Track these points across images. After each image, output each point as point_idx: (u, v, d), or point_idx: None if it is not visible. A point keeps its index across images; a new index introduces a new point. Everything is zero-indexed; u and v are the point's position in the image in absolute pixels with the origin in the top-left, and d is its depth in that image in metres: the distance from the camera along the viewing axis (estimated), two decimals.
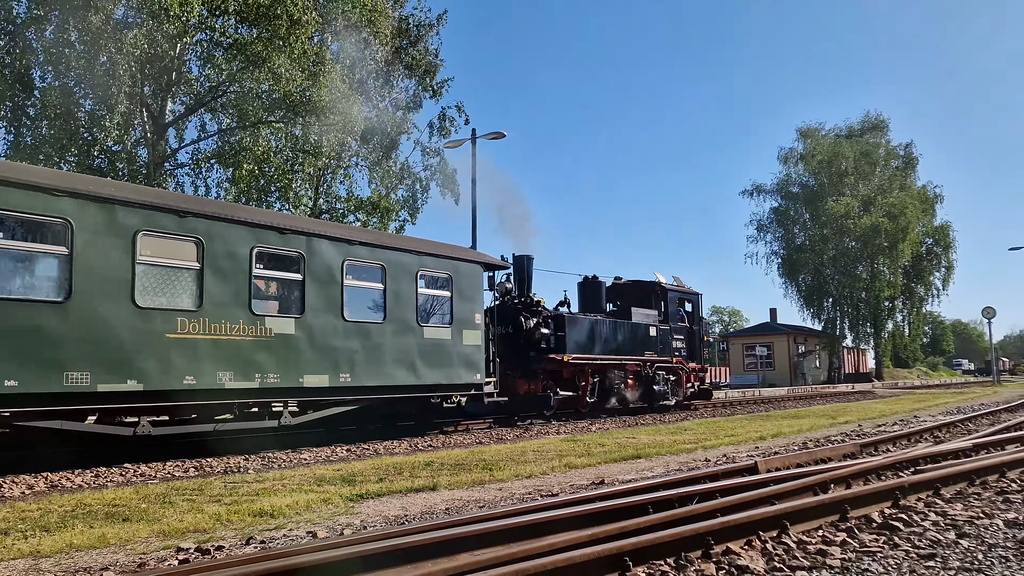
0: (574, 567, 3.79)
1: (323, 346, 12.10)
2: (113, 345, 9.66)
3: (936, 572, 3.89)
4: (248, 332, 11.12)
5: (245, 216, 11.48)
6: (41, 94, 18.31)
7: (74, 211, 9.45)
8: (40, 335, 9.03)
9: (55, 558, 4.92)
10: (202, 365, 10.55)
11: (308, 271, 11.97)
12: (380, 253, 13.23)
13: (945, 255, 58.91)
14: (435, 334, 13.98)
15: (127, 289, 9.86)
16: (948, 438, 11.24)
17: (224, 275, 10.89)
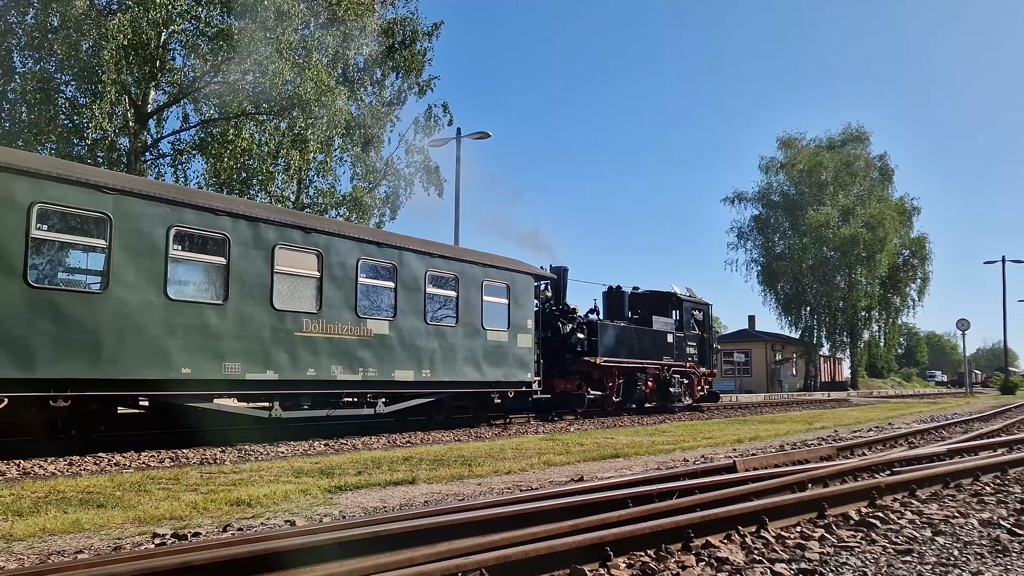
0: (555, 555, 3.80)
1: (410, 345, 13.84)
2: (257, 340, 11.38)
3: (913, 567, 3.93)
4: (354, 332, 12.87)
5: (353, 232, 13.38)
6: (21, 79, 18.05)
7: (231, 227, 11.18)
8: (207, 331, 10.74)
9: (28, 541, 4.84)
10: (320, 359, 12.28)
11: (399, 280, 13.77)
12: (454, 264, 15.00)
13: (921, 267, 59.68)
14: (496, 337, 15.72)
15: (267, 293, 11.60)
16: (923, 444, 11.38)
17: (337, 282, 12.65)
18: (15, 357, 8.88)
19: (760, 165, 59.13)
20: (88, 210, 9.64)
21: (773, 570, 3.82)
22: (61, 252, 10.17)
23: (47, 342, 9.16)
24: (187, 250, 10.77)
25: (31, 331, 9.04)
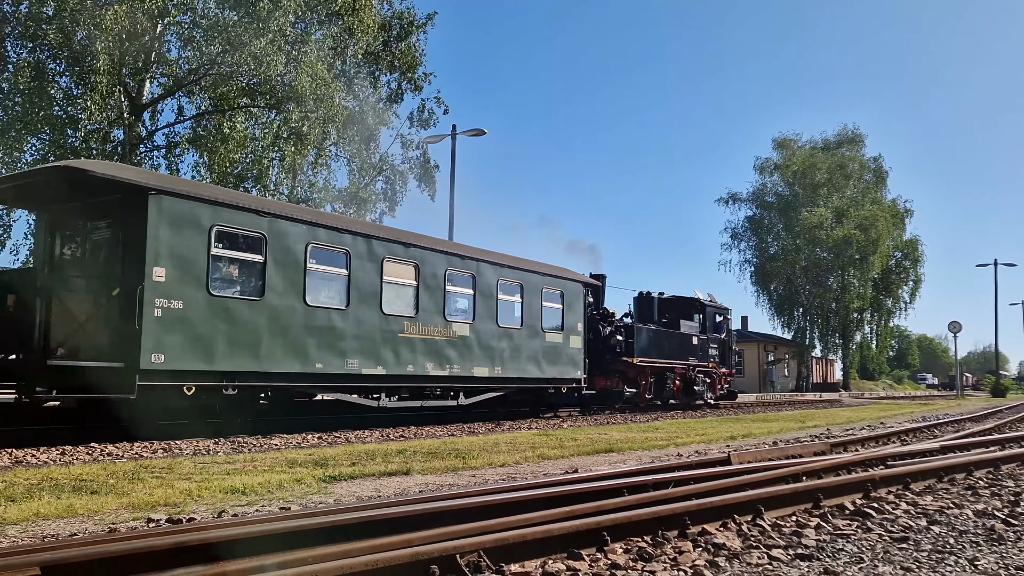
0: (552, 539, 3.79)
1: (485, 345, 15.61)
2: (370, 340, 13.17)
3: (909, 553, 3.94)
4: (442, 333, 14.67)
5: (442, 247, 15.18)
6: (14, 69, 17.94)
7: (351, 243, 13.02)
8: (333, 333, 12.56)
9: (22, 525, 4.82)
10: (416, 357, 14.06)
11: (477, 287, 15.56)
12: (519, 274, 16.79)
13: (913, 269, 59.85)
14: (552, 338, 17.54)
15: (378, 300, 13.41)
16: (915, 441, 11.41)
17: (430, 290, 14.48)
18: (201, 352, 10.71)
19: (755, 166, 59.24)
20: (250, 231, 11.50)
21: (770, 555, 3.83)
22: (231, 266, 11.57)
23: (222, 340, 10.97)
24: (319, 263, 12.58)
25: (212, 331, 10.84)
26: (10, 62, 18.46)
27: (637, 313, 22.95)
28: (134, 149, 19.96)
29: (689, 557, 3.78)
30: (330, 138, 22.66)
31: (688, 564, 3.63)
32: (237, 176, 20.72)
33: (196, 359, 10.59)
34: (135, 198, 10.23)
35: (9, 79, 17.89)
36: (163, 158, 21.52)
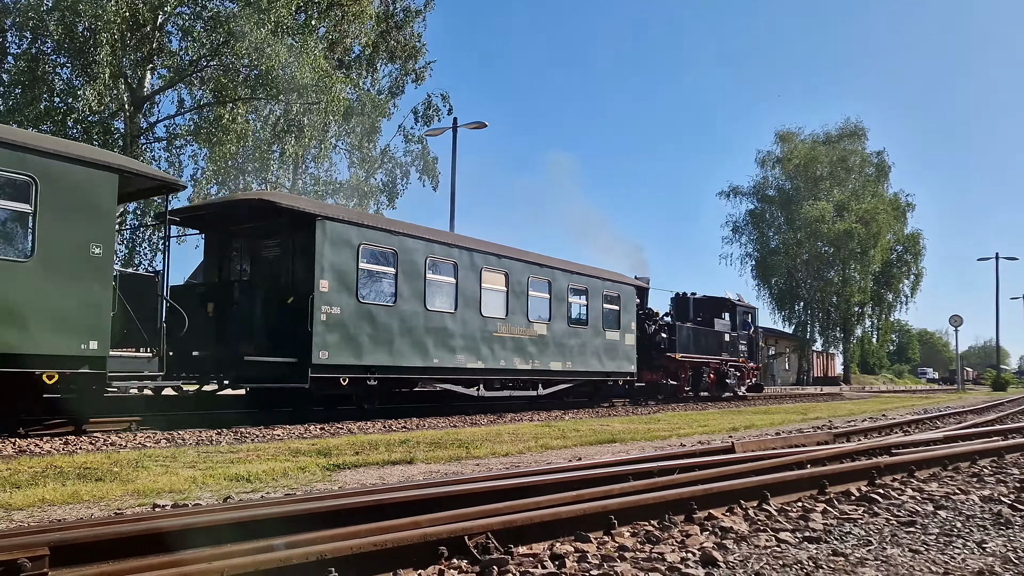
0: (560, 522, 3.79)
1: (559, 343, 17.66)
2: (472, 339, 15.25)
3: (917, 536, 3.94)
4: (526, 332, 16.73)
5: (526, 257, 17.14)
6: (15, 59, 17.89)
7: (458, 256, 15.10)
8: (445, 333, 14.64)
9: (27, 510, 4.81)
10: (507, 353, 16.12)
11: (552, 291, 17.64)
12: (585, 279, 18.88)
13: (915, 263, 59.82)
14: (611, 336, 19.57)
15: (478, 304, 15.50)
16: (918, 432, 11.41)
17: (516, 295, 16.49)
18: (353, 350, 12.86)
19: (756, 159, 59.23)
20: (385, 247, 13.64)
21: (778, 537, 3.82)
22: (371, 277, 13.58)
23: (367, 340, 13.09)
24: (434, 273, 14.63)
25: (359, 332, 12.99)
26: (10, 53, 18.41)
27: (675, 312, 24.86)
28: (135, 141, 19.93)
29: (697, 540, 3.77)
30: (331, 130, 22.60)
31: (696, 546, 3.63)
32: (238, 169, 20.68)
33: (349, 355, 12.82)
34: (304, 222, 12.40)
35: (9, 69, 17.84)
36: (164, 150, 21.49)
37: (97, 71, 17.02)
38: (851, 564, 3.38)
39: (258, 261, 13.56)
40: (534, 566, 3.25)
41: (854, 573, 3.24)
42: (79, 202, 9.25)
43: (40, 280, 8.89)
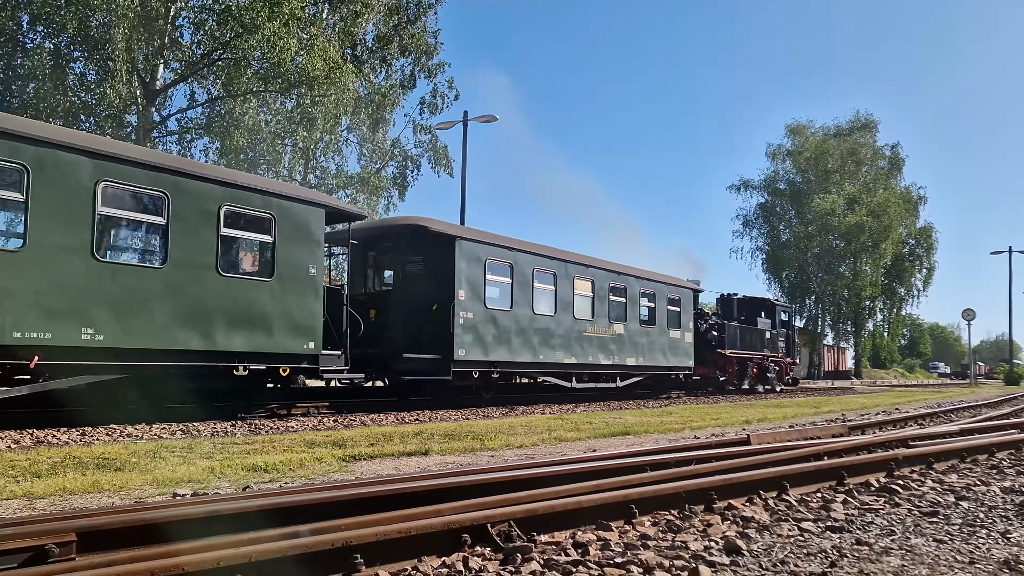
0: (582, 511, 3.79)
1: (633, 341, 19.96)
2: (568, 338, 17.57)
3: (940, 526, 3.92)
4: (608, 332, 19.02)
5: (607, 266, 19.40)
6: (31, 54, 17.96)
7: (556, 266, 17.44)
8: (548, 332, 16.98)
9: (49, 499, 4.85)
10: (593, 350, 18.36)
11: (627, 296, 19.95)
12: (653, 284, 21.29)
13: (927, 256, 59.48)
14: (673, 334, 22.03)
15: (571, 307, 17.76)
16: (933, 425, 11.35)
17: (600, 299, 18.82)
18: (481, 348, 15.18)
19: (767, 152, 58.98)
20: (503, 261, 15.97)
21: (800, 527, 3.81)
22: (494, 287, 15.74)
23: (491, 339, 15.41)
24: (539, 282, 16.82)
25: (486, 333, 15.26)
26: (26, 48, 18.49)
27: (722, 312, 27.17)
28: (148, 134, 19.99)
29: (719, 529, 3.76)
30: (342, 123, 22.59)
31: (719, 535, 3.62)
32: (250, 161, 20.72)
33: (479, 352, 15.11)
34: (445, 242, 14.69)
35: (25, 64, 17.92)
36: (175, 143, 21.55)
37: (116, 66, 17.06)
38: (875, 553, 3.37)
39: (405, 274, 15.68)
40: (557, 554, 3.25)
41: (879, 562, 3.22)
42: (301, 233, 11.84)
43: (279, 295, 11.51)
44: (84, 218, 9.38)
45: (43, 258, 9.07)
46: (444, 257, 14.67)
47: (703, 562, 3.10)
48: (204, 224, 10.65)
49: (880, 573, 3.06)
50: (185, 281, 10.42)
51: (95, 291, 9.50)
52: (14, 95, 18.06)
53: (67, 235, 9.24)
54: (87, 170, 9.43)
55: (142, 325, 9.94)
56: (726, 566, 3.13)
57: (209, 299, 10.66)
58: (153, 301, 10.09)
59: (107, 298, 9.60)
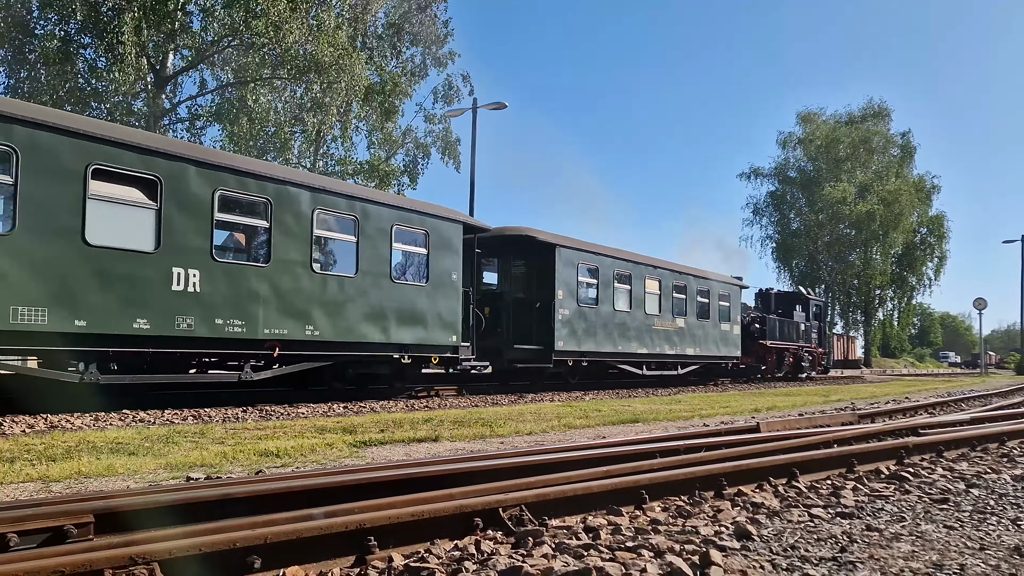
0: (592, 496, 3.81)
1: (691, 333, 22.51)
2: (639, 331, 20.01)
3: (951, 513, 3.92)
4: (671, 326, 21.52)
5: (671, 267, 21.85)
6: (40, 40, 18.00)
7: (632, 268, 19.98)
8: (624, 326, 19.43)
9: (65, 483, 4.90)
10: (659, 341, 20.91)
11: (687, 293, 22.45)
12: (707, 282, 23.66)
13: (938, 245, 59.07)
14: (724, 327, 24.44)
15: (643, 304, 20.26)
16: (943, 414, 11.32)
17: (665, 296, 21.34)
18: (575, 340, 17.50)
19: (778, 140, 58.65)
20: (592, 265, 18.37)
21: (811, 513, 3.82)
22: (585, 288, 18.22)
23: (582, 333, 17.76)
24: (618, 282, 19.37)
25: (578, 327, 17.66)
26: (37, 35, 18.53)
27: (761, 306, 29.51)
28: (157, 121, 20.03)
29: (729, 514, 3.78)
30: (352, 110, 22.58)
31: (729, 520, 3.63)
32: (260, 148, 20.74)
33: (573, 344, 17.42)
34: (547, 249, 16.97)
35: (35, 50, 17.96)
36: (186, 130, 21.58)
37: (125, 52, 17.10)
38: (886, 539, 3.37)
39: (512, 276, 18.18)
40: (569, 537, 3.27)
41: (889, 548, 3.23)
42: (446, 245, 14.26)
43: (432, 297, 13.99)
44: (305, 239, 11.94)
45: (283, 271, 11.58)
46: (546, 262, 17.03)
47: (714, 546, 3.12)
48: (381, 240, 13.12)
49: (890, 558, 3.07)
50: (369, 287, 12.90)
51: (314, 297, 12.02)
52: (24, 81, 18.13)
53: (294, 252, 11.74)
54: (307, 200, 11.99)
55: (343, 323, 12.48)
56: (737, 550, 3.14)
57: (385, 301, 13.19)
58: (348, 303, 12.59)
59: (320, 302, 12.12)
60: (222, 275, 10.79)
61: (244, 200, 11.19)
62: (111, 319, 9.63)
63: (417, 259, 14.06)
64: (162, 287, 10.15)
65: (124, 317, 9.76)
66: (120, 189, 9.86)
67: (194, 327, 10.45)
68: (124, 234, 9.88)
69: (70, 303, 9.27)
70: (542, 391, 16.86)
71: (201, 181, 10.60)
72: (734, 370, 26.50)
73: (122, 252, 9.80)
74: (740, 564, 2.95)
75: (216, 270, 10.71)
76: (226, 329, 10.80)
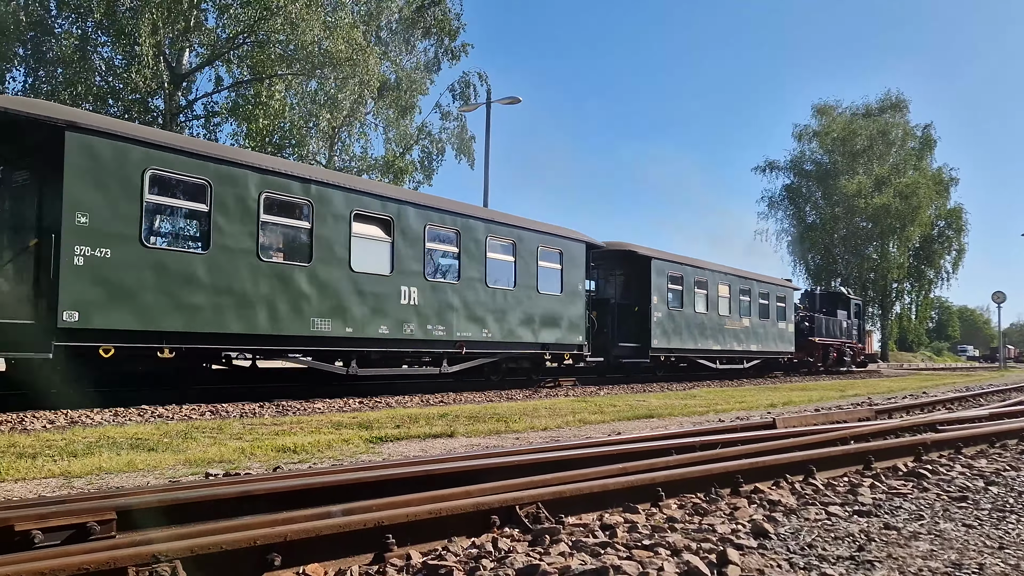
0: (608, 493, 3.82)
1: (754, 331, 25.23)
2: (714, 329, 22.79)
3: (969, 511, 3.90)
4: (739, 325, 24.22)
5: (738, 272, 24.73)
6: (58, 39, 18.14)
7: (708, 275, 22.69)
8: (702, 325, 22.09)
9: (86, 478, 4.96)
10: (728, 339, 23.52)
11: (751, 296, 25.23)
12: (768, 286, 26.70)
13: (956, 238, 58.43)
14: (780, 325, 27.35)
15: (717, 306, 23.05)
16: (961, 409, 11.23)
17: (734, 299, 24.00)
18: (665, 339, 20.30)
19: (793, 133, 58.22)
20: (677, 274, 21.06)
21: (828, 511, 3.81)
22: (673, 294, 20.94)
23: (672, 333, 20.62)
24: (698, 288, 22.01)
25: (669, 328, 20.49)
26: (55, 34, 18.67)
27: (808, 305, 32.08)
28: (174, 119, 20.15)
29: (746, 512, 3.78)
30: (366, 105, 22.62)
31: (746, 518, 3.63)
32: (275, 145, 20.82)
33: (665, 342, 20.34)
34: (643, 261, 19.82)
35: (53, 48, 18.10)
36: (202, 127, 21.70)
37: (142, 50, 17.21)
38: (904, 538, 3.36)
39: (615, 284, 20.83)
40: (585, 535, 3.28)
41: (908, 547, 3.22)
42: (575, 260, 17.28)
43: (565, 304, 16.91)
44: (481, 260, 15.01)
45: (468, 286, 14.65)
46: (643, 272, 19.96)
47: (731, 545, 3.12)
48: (530, 259, 16.18)
49: (909, 557, 3.06)
50: (523, 298, 15.86)
51: (487, 306, 15.06)
52: (43, 80, 18.28)
53: (475, 271, 14.85)
54: (482, 230, 15.07)
55: (506, 326, 15.50)
56: (754, 549, 3.14)
57: (533, 309, 16.09)
58: (509, 311, 15.57)
59: (491, 310, 15.13)
60: (431, 291, 13.93)
61: (443, 232, 14.34)
62: (366, 326, 12.73)
63: (554, 273, 16.84)
64: (395, 301, 13.26)
65: (373, 324, 12.84)
66: (369, 228, 12.96)
67: (414, 331, 13.58)
68: (372, 262, 12.95)
69: (342, 315, 12.34)
70: (640, 382, 19.70)
71: (417, 218, 13.69)
72: (787, 364, 28.94)
73: (371, 276, 12.87)
74: (757, 563, 2.94)
75: (427, 287, 13.88)
76: (433, 333, 13.96)
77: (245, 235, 10.99)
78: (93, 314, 9.40)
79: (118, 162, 9.73)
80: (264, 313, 11.20)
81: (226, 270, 10.74)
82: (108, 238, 9.56)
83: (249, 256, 11.03)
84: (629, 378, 20.46)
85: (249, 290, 11.00)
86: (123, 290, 9.68)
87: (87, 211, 9.39)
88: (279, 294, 11.40)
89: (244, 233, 10.98)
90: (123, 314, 9.69)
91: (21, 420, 8.50)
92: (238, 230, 10.91)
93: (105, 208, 9.55)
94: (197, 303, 10.43)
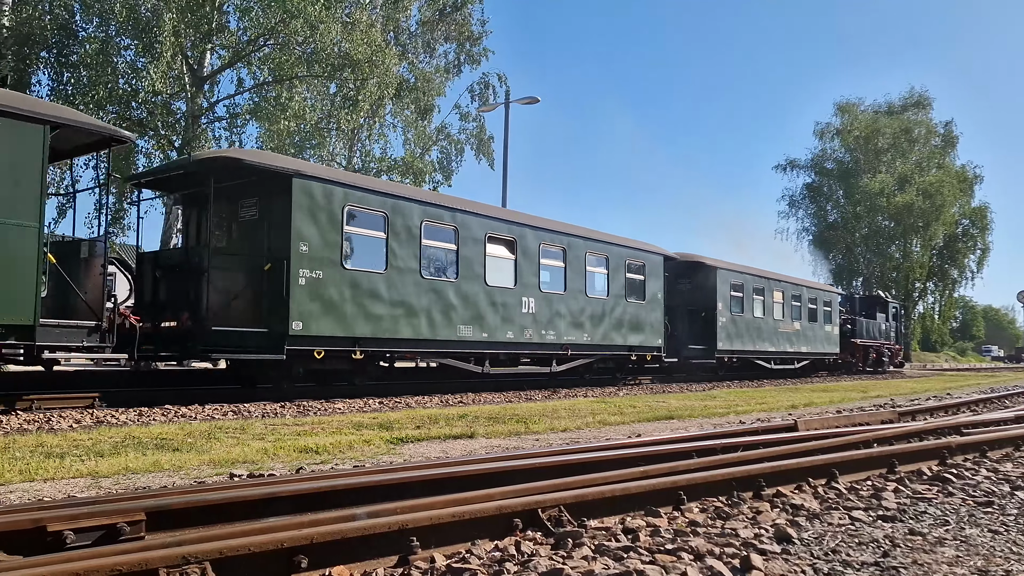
0: (630, 497, 3.83)
1: (804, 334, 27.08)
2: (771, 332, 24.76)
3: (995, 517, 3.87)
4: (791, 328, 26.04)
5: (790, 279, 26.61)
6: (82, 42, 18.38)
7: (764, 284, 24.61)
8: (760, 329, 24.17)
9: (113, 478, 5.03)
10: (782, 341, 25.27)
11: (802, 301, 26.94)
12: (816, 292, 28.73)
13: (981, 237, 57.66)
14: (827, 328, 29.25)
15: (772, 311, 24.84)
16: (986, 412, 11.11)
17: (788, 304, 25.96)
18: (729, 340, 22.21)
19: (815, 131, 57.73)
20: (738, 281, 23.08)
21: (851, 515, 3.80)
22: (735, 300, 22.88)
23: (732, 333, 22.49)
24: (755, 294, 24.00)
25: (731, 331, 22.37)
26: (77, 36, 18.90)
27: (849, 309, 33.38)
28: (196, 121, 20.35)
29: (768, 516, 3.77)
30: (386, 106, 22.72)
31: (769, 523, 3.62)
32: (297, 146, 20.98)
33: (728, 344, 22.21)
34: (709, 270, 21.92)
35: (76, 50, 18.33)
36: (224, 129, 21.89)
37: (161, 51, 17.40)
38: (929, 544, 3.34)
39: (682, 291, 21.88)
40: (607, 539, 3.29)
41: (933, 553, 3.20)
42: (654, 272, 19.50)
43: (647, 311, 19.08)
44: (582, 272, 17.17)
45: (571, 296, 16.79)
46: (708, 280, 21.96)
47: (754, 550, 3.12)
48: (620, 271, 18.33)
49: (934, 563, 3.05)
50: (614, 305, 18.03)
51: (586, 313, 17.19)
52: (67, 83, 18.52)
53: (577, 282, 17.01)
54: (580, 245, 17.19)
55: (601, 331, 17.57)
56: (777, 554, 3.14)
57: (622, 315, 18.21)
58: (604, 317, 17.70)
59: (589, 316, 17.27)
60: (544, 301, 16.05)
61: (552, 249, 16.46)
62: (497, 331, 14.91)
63: (639, 283, 18.91)
64: (518, 310, 15.42)
65: (502, 330, 15.06)
66: (498, 248, 15.25)
67: (532, 336, 15.71)
68: (501, 277, 15.17)
69: (480, 322, 14.59)
70: (704, 381, 21.40)
71: (534, 238, 15.95)
72: (832, 364, 30.34)
73: (501, 288, 15.08)
74: (781, 568, 2.94)
75: (541, 298, 16.01)
76: (546, 337, 16.06)
77: (411, 257, 13.38)
78: (311, 323, 11.69)
79: (327, 200, 12.04)
80: (425, 321, 13.55)
81: (398, 286, 13.12)
82: (320, 262, 11.87)
83: (414, 274, 13.43)
84: (692, 377, 22.29)
85: (414, 302, 13.37)
86: (330, 304, 12.00)
87: (307, 241, 11.69)
88: (435, 305, 13.74)
89: (410, 255, 13.38)
90: (330, 322, 12.00)
91: (48, 420, 8.64)
92: (407, 253, 13.32)
93: (318, 238, 11.86)
94: (379, 313, 12.80)
